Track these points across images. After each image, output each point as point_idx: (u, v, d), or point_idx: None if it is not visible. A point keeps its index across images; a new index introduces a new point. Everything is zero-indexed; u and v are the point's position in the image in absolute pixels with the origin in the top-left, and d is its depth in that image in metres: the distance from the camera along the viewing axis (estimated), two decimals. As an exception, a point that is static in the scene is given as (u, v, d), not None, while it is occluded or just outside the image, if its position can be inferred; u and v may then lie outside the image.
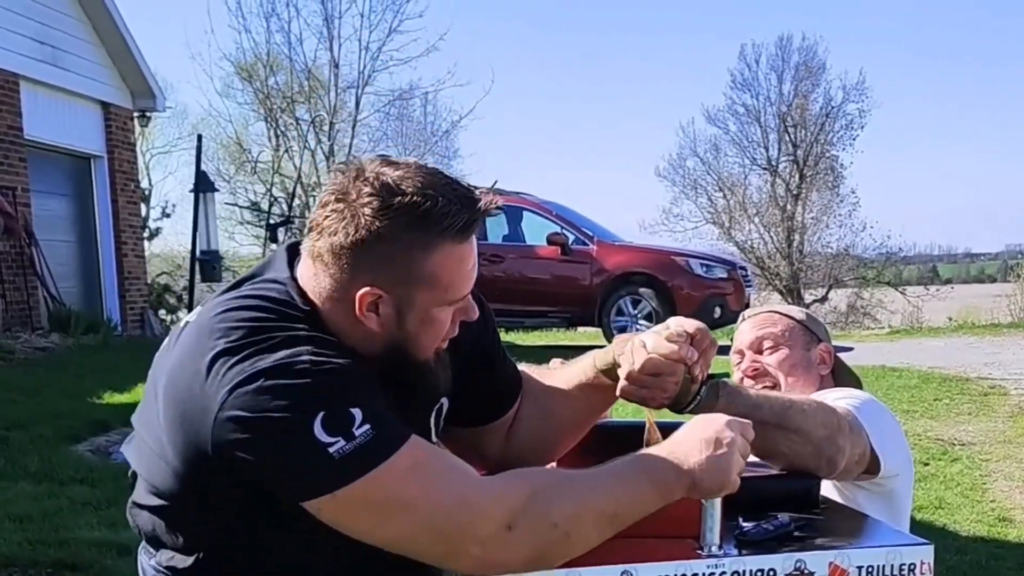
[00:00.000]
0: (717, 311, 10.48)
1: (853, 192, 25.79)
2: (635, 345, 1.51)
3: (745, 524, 1.45)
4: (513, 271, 10.90)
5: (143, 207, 18.71)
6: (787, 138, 26.21)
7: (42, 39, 10.60)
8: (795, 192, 26.08)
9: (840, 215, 25.80)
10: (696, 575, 1.35)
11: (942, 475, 5.88)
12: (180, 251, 20.71)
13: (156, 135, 24.36)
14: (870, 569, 1.39)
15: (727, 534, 1.41)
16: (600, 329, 11.02)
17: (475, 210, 1.35)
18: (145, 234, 17.18)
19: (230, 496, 1.33)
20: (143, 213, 17.76)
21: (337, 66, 20.97)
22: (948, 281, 32.12)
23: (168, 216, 24.85)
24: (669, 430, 1.43)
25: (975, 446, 6.55)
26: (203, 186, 12.54)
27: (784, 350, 2.15)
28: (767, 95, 26.15)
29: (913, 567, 1.40)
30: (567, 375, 1.67)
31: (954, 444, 6.59)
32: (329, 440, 1.22)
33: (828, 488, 1.80)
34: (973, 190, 72.54)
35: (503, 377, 1.66)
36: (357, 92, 21.25)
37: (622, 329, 10.17)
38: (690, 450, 1.35)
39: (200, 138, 14.06)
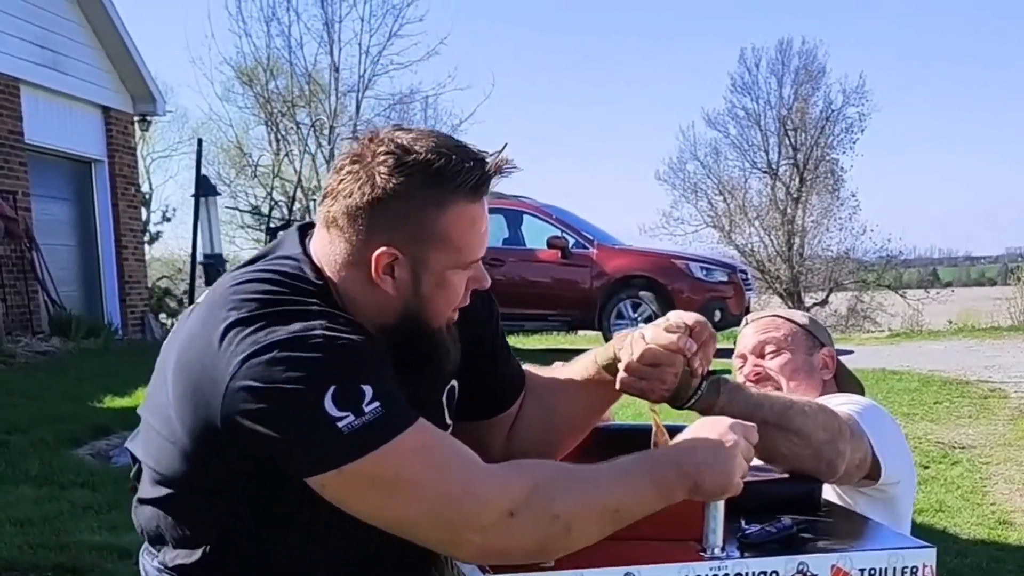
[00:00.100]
0: (717, 314, 10.48)
1: (853, 195, 25.80)
2: (635, 337, 1.53)
3: (748, 526, 1.45)
4: (513, 274, 10.90)
5: (143, 211, 18.70)
6: (787, 142, 26.19)
7: (42, 43, 10.61)
8: (795, 195, 26.07)
9: (840, 218, 25.81)
10: (699, 577, 1.35)
11: (942, 478, 5.87)
12: (180, 255, 20.76)
13: (156, 139, 24.41)
14: (872, 572, 1.39)
15: (730, 536, 1.41)
16: (600, 332, 11.03)
17: (486, 169, 1.38)
18: (145, 238, 17.20)
19: (238, 470, 1.33)
20: (143, 217, 17.74)
21: (337, 70, 20.96)
22: (948, 284, 32.03)
23: (168, 220, 24.97)
24: (676, 432, 1.44)
25: (975, 449, 6.55)
26: (205, 190, 12.51)
27: (786, 354, 2.14)
28: (767, 99, 26.15)
29: (915, 570, 1.40)
30: (569, 372, 1.68)
31: (954, 447, 6.58)
32: (339, 415, 1.22)
33: (829, 493, 1.80)
34: (973, 193, 72.57)
35: (506, 372, 1.67)
36: (357, 96, 21.26)
37: (622, 332, 10.16)
38: (693, 451, 1.36)
39: (200, 142, 14.02)
